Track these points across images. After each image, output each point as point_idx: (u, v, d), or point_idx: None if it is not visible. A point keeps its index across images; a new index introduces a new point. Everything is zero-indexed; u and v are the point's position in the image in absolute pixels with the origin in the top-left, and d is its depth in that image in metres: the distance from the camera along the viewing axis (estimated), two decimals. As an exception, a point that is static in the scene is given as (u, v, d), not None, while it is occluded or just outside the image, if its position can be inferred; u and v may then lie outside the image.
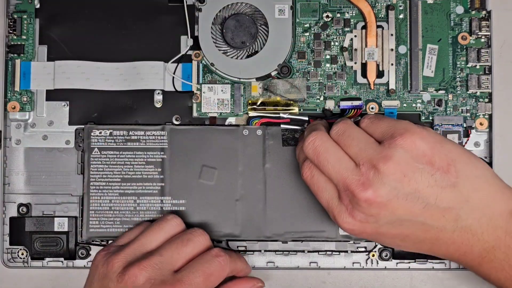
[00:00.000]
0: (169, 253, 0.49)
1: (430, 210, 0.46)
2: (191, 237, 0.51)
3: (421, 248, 0.49)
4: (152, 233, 0.51)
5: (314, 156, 0.48)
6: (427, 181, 0.45)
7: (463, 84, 0.57)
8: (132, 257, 0.49)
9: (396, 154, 0.45)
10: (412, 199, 0.45)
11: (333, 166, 0.47)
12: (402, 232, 0.47)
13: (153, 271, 0.48)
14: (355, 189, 0.46)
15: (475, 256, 0.47)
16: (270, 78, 0.57)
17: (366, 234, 0.48)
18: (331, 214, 0.49)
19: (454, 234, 0.47)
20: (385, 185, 0.45)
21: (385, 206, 0.46)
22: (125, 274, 0.48)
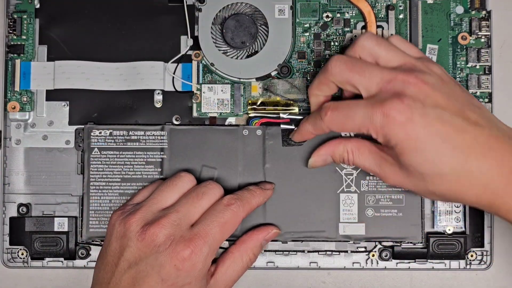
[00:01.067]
0: (185, 208, 0.50)
1: (466, 112, 0.47)
2: (206, 190, 0.51)
3: (458, 157, 0.46)
4: (167, 190, 0.52)
5: (347, 68, 0.49)
6: (460, 91, 0.49)
7: (463, 84, 0.57)
8: (150, 215, 0.50)
9: (435, 66, 0.50)
10: (451, 98, 0.48)
11: (373, 67, 0.49)
12: (444, 127, 0.46)
13: (172, 227, 0.49)
14: (403, 75, 0.47)
15: (510, 168, 0.46)
16: (270, 78, 0.57)
17: (412, 124, 0.46)
18: (372, 112, 0.47)
19: (490, 139, 0.47)
20: (431, 77, 0.48)
21: (431, 94, 0.47)
22: (145, 232, 0.48)
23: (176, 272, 0.48)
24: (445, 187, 0.47)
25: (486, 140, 0.47)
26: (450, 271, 0.58)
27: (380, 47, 0.49)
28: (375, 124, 0.47)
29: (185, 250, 0.48)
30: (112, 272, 0.49)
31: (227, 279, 0.51)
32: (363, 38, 0.50)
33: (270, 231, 0.54)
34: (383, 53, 0.49)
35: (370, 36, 0.50)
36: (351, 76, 0.49)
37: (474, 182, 0.47)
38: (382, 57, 0.49)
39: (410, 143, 0.47)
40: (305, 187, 0.55)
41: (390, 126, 0.47)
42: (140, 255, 0.48)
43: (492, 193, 0.47)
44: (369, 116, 0.47)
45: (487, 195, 0.47)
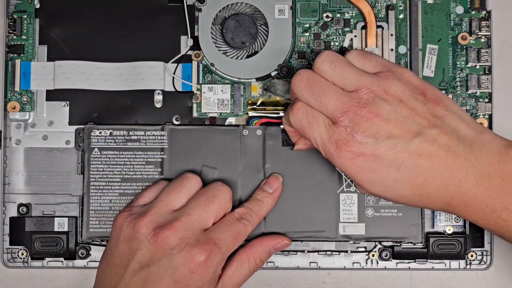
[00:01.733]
0: (197, 211, 0.50)
1: (423, 134, 0.47)
2: (216, 193, 0.51)
3: (416, 181, 0.47)
4: (174, 192, 0.52)
5: (307, 88, 0.49)
6: (420, 108, 0.48)
7: (463, 84, 0.57)
8: (160, 218, 0.50)
9: (394, 83, 0.48)
10: (408, 122, 0.47)
11: (330, 93, 0.48)
12: (398, 156, 0.47)
13: (184, 230, 0.49)
14: (357, 108, 0.47)
15: (470, 185, 0.47)
16: (270, 78, 0.57)
17: (363, 159, 0.47)
18: (328, 140, 0.48)
19: (447, 159, 0.47)
20: (385, 106, 0.47)
21: (384, 125, 0.47)
22: (157, 235, 0.48)
23: (190, 275, 0.48)
24: (411, 203, 0.49)
25: (442, 161, 0.47)
26: (450, 271, 0.58)
27: (335, 71, 0.49)
28: (327, 152, 0.48)
29: (201, 254, 0.48)
30: (120, 274, 0.49)
31: (234, 281, 0.51)
32: (319, 61, 0.49)
33: (280, 241, 0.54)
34: (338, 78, 0.49)
35: (325, 59, 0.49)
36: (308, 98, 0.49)
37: (435, 200, 0.48)
38: (337, 82, 0.49)
39: (364, 176, 0.48)
40: (305, 187, 0.55)
41: (341, 160, 0.48)
42: (152, 257, 0.48)
43: (455, 208, 0.48)
44: (324, 142, 0.48)
45: (452, 209, 0.48)
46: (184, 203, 0.51)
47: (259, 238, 0.54)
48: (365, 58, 0.50)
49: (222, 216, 0.52)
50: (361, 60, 0.50)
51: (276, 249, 0.54)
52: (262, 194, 0.54)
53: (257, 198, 0.53)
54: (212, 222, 0.51)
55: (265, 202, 0.53)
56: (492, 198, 0.47)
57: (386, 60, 0.51)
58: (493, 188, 0.47)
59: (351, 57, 0.50)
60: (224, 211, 0.52)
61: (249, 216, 0.52)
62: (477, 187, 0.47)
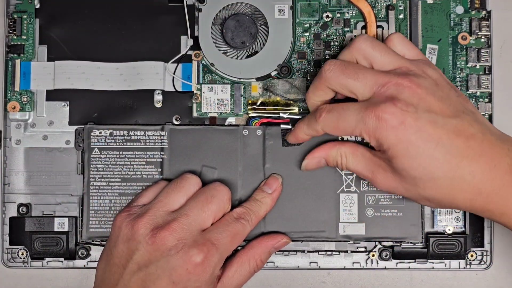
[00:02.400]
0: (195, 212, 0.50)
1: (460, 116, 0.47)
2: (215, 193, 0.51)
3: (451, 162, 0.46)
4: (174, 192, 0.52)
5: (340, 70, 0.49)
6: (454, 95, 0.49)
7: (463, 84, 0.57)
8: (159, 218, 0.50)
9: (431, 68, 0.50)
10: (445, 102, 0.48)
11: (366, 70, 0.48)
12: (437, 132, 0.46)
13: (182, 231, 0.49)
14: (397, 78, 0.47)
15: (504, 171, 0.46)
16: (270, 78, 0.57)
17: (404, 128, 0.46)
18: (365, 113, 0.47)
19: (483, 144, 0.47)
20: (425, 81, 0.48)
21: (424, 98, 0.47)
22: (155, 236, 0.48)
23: (187, 275, 0.48)
24: (437, 191, 0.48)
25: (478, 145, 0.47)
26: (450, 271, 0.58)
27: (375, 50, 0.49)
28: (367, 127, 0.47)
29: (198, 254, 0.48)
30: (119, 274, 0.49)
31: (234, 283, 0.51)
32: (359, 41, 0.50)
33: (280, 240, 0.54)
34: (378, 57, 0.49)
35: (366, 39, 0.50)
36: (344, 80, 0.49)
37: (466, 186, 0.47)
38: (377, 61, 0.49)
39: (402, 147, 0.47)
40: (305, 187, 0.55)
41: (382, 130, 0.47)
42: (150, 258, 0.48)
43: (485, 197, 0.47)
44: (362, 119, 0.47)
45: (480, 200, 0.47)
46: (183, 203, 0.51)
47: (258, 239, 0.54)
48: (409, 44, 0.51)
49: (221, 217, 0.52)
50: (404, 44, 0.51)
51: (276, 248, 0.54)
52: (261, 194, 0.54)
53: (256, 198, 0.54)
54: (211, 223, 0.51)
55: (264, 203, 0.53)
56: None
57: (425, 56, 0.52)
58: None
59: (395, 40, 0.51)
60: (223, 212, 0.52)
61: (248, 216, 0.52)
62: (511, 174, 0.47)
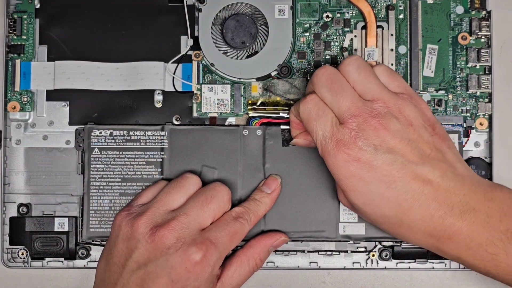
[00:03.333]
0: (194, 211, 0.50)
1: (423, 159, 0.47)
2: (214, 193, 0.52)
3: (402, 205, 0.47)
4: (174, 192, 0.52)
5: (327, 82, 0.49)
6: (427, 137, 0.49)
7: (463, 84, 0.57)
8: (158, 217, 0.50)
9: (409, 106, 0.49)
10: (412, 145, 0.48)
11: (348, 94, 0.48)
12: (392, 174, 0.47)
13: (181, 230, 0.49)
14: (368, 115, 0.47)
15: (455, 218, 0.47)
16: (270, 78, 0.57)
17: (357, 164, 0.47)
18: (330, 137, 0.48)
19: (438, 190, 0.47)
20: (395, 123, 0.48)
21: (389, 140, 0.47)
22: (154, 235, 0.49)
23: (186, 274, 0.48)
24: (388, 227, 0.49)
25: (434, 191, 0.47)
26: (450, 271, 0.58)
27: (359, 75, 0.49)
28: (325, 147, 0.48)
29: (197, 253, 0.48)
30: (119, 273, 0.49)
31: (233, 282, 0.51)
32: (346, 62, 0.50)
33: (278, 238, 0.54)
34: (360, 83, 0.49)
35: (353, 61, 0.50)
36: (325, 93, 0.49)
37: (416, 229, 0.48)
38: (357, 86, 0.49)
39: (353, 182, 0.48)
40: (305, 187, 0.55)
41: (335, 159, 0.48)
42: (149, 256, 0.48)
43: (437, 240, 0.48)
44: (326, 138, 0.48)
45: (432, 241, 0.48)
46: (182, 203, 0.51)
47: (257, 238, 0.54)
48: (391, 76, 0.51)
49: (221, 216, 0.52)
50: (388, 77, 0.51)
51: (274, 247, 0.54)
52: (260, 194, 0.54)
53: (255, 198, 0.54)
54: (210, 222, 0.51)
55: (263, 202, 0.53)
56: (478, 233, 0.46)
57: (409, 86, 0.51)
58: (478, 223, 0.46)
59: (378, 71, 0.51)
60: (222, 211, 0.52)
61: (247, 215, 0.52)
62: (462, 221, 0.47)
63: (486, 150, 0.58)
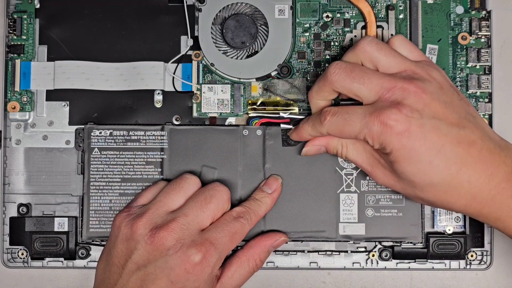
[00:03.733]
0: (193, 212, 0.50)
1: (462, 122, 0.48)
2: (214, 193, 0.51)
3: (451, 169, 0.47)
4: (173, 192, 0.52)
5: (346, 73, 0.49)
6: (457, 99, 0.49)
7: (463, 84, 0.57)
8: (158, 218, 0.50)
9: (435, 71, 0.50)
10: (449, 108, 0.48)
11: (372, 73, 0.49)
12: (440, 139, 0.47)
13: (181, 231, 0.49)
14: (403, 83, 0.48)
15: (500, 179, 0.47)
16: (270, 78, 0.57)
17: (408, 135, 0.47)
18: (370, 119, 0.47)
19: (482, 151, 0.47)
20: (430, 86, 0.48)
21: (429, 104, 0.47)
22: (154, 236, 0.49)
23: (186, 275, 0.48)
24: (434, 195, 0.49)
25: (478, 152, 0.47)
26: (450, 271, 0.58)
27: (380, 53, 0.49)
28: (372, 132, 0.48)
29: (196, 254, 0.48)
30: (118, 274, 0.49)
31: (233, 283, 0.51)
32: (364, 43, 0.50)
33: (278, 238, 0.54)
34: (383, 59, 0.49)
35: (371, 41, 0.50)
36: (350, 83, 0.49)
37: (463, 193, 0.48)
38: (382, 63, 0.49)
39: (405, 153, 0.47)
40: (305, 187, 0.55)
41: (387, 135, 0.47)
42: (149, 258, 0.48)
43: (480, 203, 0.48)
44: (366, 124, 0.48)
45: (475, 205, 0.48)
46: (182, 203, 0.51)
47: (256, 238, 0.54)
48: (410, 47, 0.51)
49: (220, 216, 0.52)
50: (407, 46, 0.51)
51: (274, 247, 0.54)
52: (261, 194, 0.54)
53: (255, 198, 0.54)
54: (210, 222, 0.51)
55: (263, 202, 0.53)
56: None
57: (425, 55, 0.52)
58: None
59: (397, 42, 0.51)
60: (222, 211, 0.52)
61: (247, 215, 0.52)
62: (507, 182, 0.47)
63: (486, 150, 0.57)
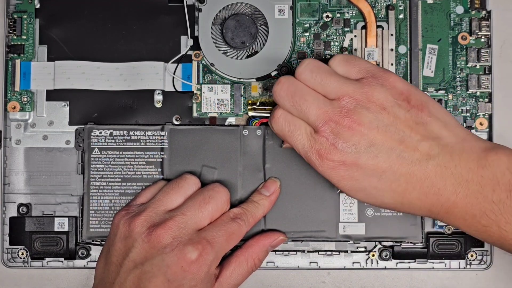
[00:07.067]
0: (191, 211, 0.50)
1: (405, 142, 0.47)
2: (213, 193, 0.52)
3: (397, 190, 0.48)
4: (172, 192, 0.52)
5: (288, 97, 0.49)
6: (403, 115, 0.48)
7: (463, 84, 0.57)
8: (155, 217, 0.50)
9: (377, 89, 0.48)
10: (390, 130, 0.47)
11: (311, 102, 0.48)
12: (379, 166, 0.47)
13: (178, 230, 0.49)
14: (339, 117, 0.47)
15: (449, 193, 0.47)
16: (270, 78, 0.57)
17: (344, 168, 0.47)
18: (310, 149, 0.48)
19: (427, 168, 0.47)
20: (367, 115, 0.47)
21: (366, 134, 0.47)
22: (151, 234, 0.49)
23: (182, 273, 0.48)
24: (394, 209, 0.51)
25: (423, 169, 0.47)
26: (450, 271, 0.58)
27: (316, 80, 0.49)
28: (310, 160, 0.49)
29: (193, 252, 0.48)
30: (116, 272, 0.49)
31: (231, 282, 0.51)
32: (299, 71, 0.49)
33: (276, 237, 0.54)
34: (320, 87, 0.49)
35: (305, 68, 0.49)
36: (289, 107, 0.49)
37: (417, 208, 0.49)
38: (319, 90, 0.49)
39: (347, 183, 0.48)
40: (305, 187, 0.55)
41: (324, 168, 0.48)
42: (146, 255, 0.49)
43: (436, 215, 0.49)
44: (306, 151, 0.49)
45: (433, 216, 0.49)
46: (180, 203, 0.51)
47: (255, 238, 0.54)
48: (348, 64, 0.50)
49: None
50: (345, 66, 0.50)
51: (273, 247, 0.54)
52: (258, 196, 0.54)
53: (253, 200, 0.54)
54: (208, 222, 0.51)
55: (261, 204, 0.53)
56: (471, 205, 0.47)
57: (370, 64, 0.50)
58: (471, 195, 0.47)
59: (334, 63, 0.50)
60: (220, 212, 0.52)
61: (244, 216, 0.52)
62: (456, 195, 0.47)
63: (486, 150, 0.57)
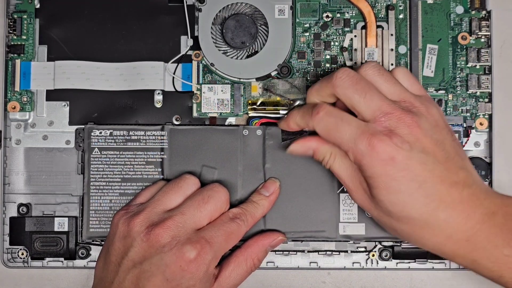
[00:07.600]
0: (190, 211, 0.50)
1: (449, 162, 0.48)
2: (212, 193, 0.52)
3: (430, 205, 0.47)
4: (171, 192, 0.52)
5: (351, 83, 0.48)
6: (450, 139, 0.49)
7: (463, 84, 0.57)
8: (154, 216, 0.50)
9: (434, 108, 0.50)
10: (439, 146, 0.48)
11: (376, 92, 0.48)
12: (423, 174, 0.47)
13: (177, 229, 0.49)
14: (401, 113, 0.47)
15: (475, 221, 0.47)
16: (270, 78, 0.57)
17: (392, 163, 0.47)
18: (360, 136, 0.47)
19: (463, 192, 0.47)
20: (426, 121, 0.48)
21: (421, 139, 0.47)
22: (149, 233, 0.49)
23: (181, 272, 0.48)
24: (409, 229, 0.49)
25: (459, 193, 0.47)
26: (450, 271, 0.58)
27: (381, 78, 0.49)
28: (357, 149, 0.47)
29: (191, 251, 0.48)
30: (115, 272, 0.49)
31: (231, 282, 0.51)
32: (366, 66, 0.50)
33: (276, 237, 0.54)
34: (384, 85, 0.49)
35: (373, 66, 0.50)
36: (351, 93, 0.48)
37: (438, 231, 0.48)
38: (382, 88, 0.49)
39: (385, 181, 0.47)
40: (305, 187, 0.55)
41: (371, 158, 0.47)
42: (144, 255, 0.49)
43: (455, 243, 0.48)
44: (354, 140, 0.48)
45: (450, 245, 0.48)
46: (180, 203, 0.51)
47: (254, 238, 0.54)
48: (412, 80, 0.51)
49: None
50: (408, 80, 0.51)
51: (272, 247, 0.54)
52: (258, 196, 0.54)
53: (253, 200, 0.54)
54: (207, 222, 0.51)
55: (260, 205, 0.53)
56: (495, 235, 0.47)
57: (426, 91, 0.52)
58: (496, 226, 0.47)
59: (400, 74, 0.51)
60: (219, 212, 0.52)
61: (244, 216, 0.52)
62: (482, 223, 0.47)
63: (486, 150, 0.58)
